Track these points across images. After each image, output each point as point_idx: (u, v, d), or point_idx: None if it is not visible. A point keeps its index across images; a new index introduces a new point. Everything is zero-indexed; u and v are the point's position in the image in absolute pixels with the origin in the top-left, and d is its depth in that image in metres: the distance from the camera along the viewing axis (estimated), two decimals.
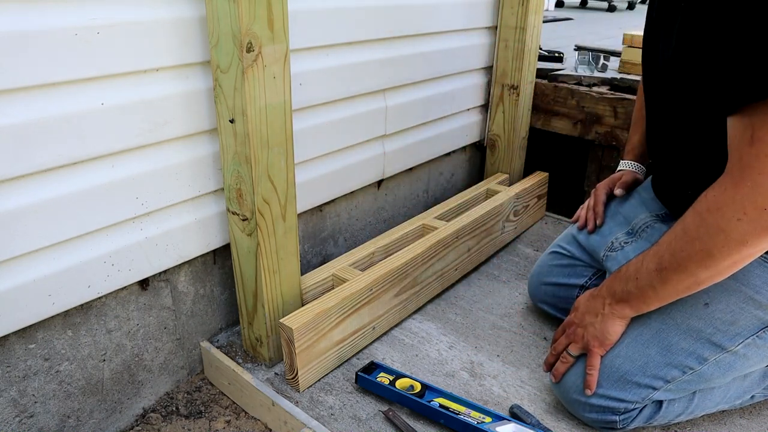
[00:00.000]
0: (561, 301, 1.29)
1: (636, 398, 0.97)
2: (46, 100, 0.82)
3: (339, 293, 1.15)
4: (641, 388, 0.96)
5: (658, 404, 1.00)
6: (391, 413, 1.06)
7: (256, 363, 1.19)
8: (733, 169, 0.79)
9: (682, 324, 0.95)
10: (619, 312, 0.97)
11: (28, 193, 0.84)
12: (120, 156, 0.94)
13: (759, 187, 0.75)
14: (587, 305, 1.02)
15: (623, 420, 0.99)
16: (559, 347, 1.05)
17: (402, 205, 1.72)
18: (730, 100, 0.77)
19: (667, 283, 0.89)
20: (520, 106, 1.78)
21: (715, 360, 0.94)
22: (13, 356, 0.92)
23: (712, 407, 1.04)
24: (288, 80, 0.98)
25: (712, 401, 1.03)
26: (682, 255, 0.85)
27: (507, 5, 1.70)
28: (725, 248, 0.80)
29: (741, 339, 0.92)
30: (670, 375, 0.95)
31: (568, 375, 1.03)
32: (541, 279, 1.33)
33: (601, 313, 0.98)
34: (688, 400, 1.01)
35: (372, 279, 1.20)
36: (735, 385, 1.03)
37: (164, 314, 1.14)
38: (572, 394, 1.02)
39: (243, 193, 1.02)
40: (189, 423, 1.11)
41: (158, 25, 0.92)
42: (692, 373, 0.95)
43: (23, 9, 0.77)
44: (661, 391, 0.97)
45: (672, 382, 0.95)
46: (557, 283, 1.30)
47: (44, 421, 0.99)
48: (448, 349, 1.27)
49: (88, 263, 0.95)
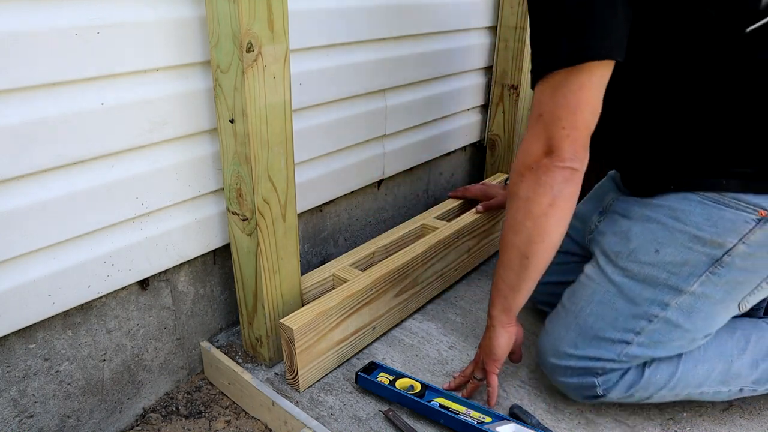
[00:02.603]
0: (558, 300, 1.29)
1: (611, 355, 0.99)
2: (46, 100, 0.82)
3: (339, 293, 1.15)
4: (615, 343, 0.99)
5: (640, 370, 1.01)
6: (391, 413, 1.06)
7: (256, 363, 1.19)
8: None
9: (639, 274, 0.98)
10: (496, 320, 1.03)
11: (28, 193, 0.84)
12: (120, 156, 0.94)
13: (525, 152, 0.89)
14: (483, 335, 1.09)
15: (604, 383, 1.01)
16: (468, 371, 1.12)
17: (402, 205, 1.72)
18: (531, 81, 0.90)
19: (504, 265, 0.98)
20: (520, 106, 1.78)
21: (677, 303, 0.96)
22: (13, 356, 0.92)
23: (695, 385, 1.03)
24: (288, 80, 0.98)
25: (695, 378, 1.02)
26: (503, 232, 0.97)
27: (507, 5, 1.70)
28: (520, 209, 0.92)
29: (695, 278, 0.95)
30: (639, 326, 0.98)
31: (545, 339, 1.08)
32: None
33: (487, 332, 1.06)
34: (671, 370, 1.01)
35: (372, 279, 1.20)
36: (719, 367, 1.02)
37: (164, 314, 1.14)
38: (550, 358, 1.05)
39: (243, 193, 1.02)
40: (189, 423, 1.11)
41: (158, 25, 0.92)
42: (658, 320, 0.97)
43: (23, 9, 0.77)
44: (635, 345, 0.99)
45: (642, 333, 0.98)
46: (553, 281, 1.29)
47: (44, 421, 0.99)
48: (448, 349, 1.27)
49: (88, 263, 0.95)
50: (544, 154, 0.87)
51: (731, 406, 1.11)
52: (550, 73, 0.84)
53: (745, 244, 0.91)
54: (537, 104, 0.87)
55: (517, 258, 0.95)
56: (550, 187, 0.87)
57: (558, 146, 0.86)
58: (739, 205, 0.91)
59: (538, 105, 0.87)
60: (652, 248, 0.97)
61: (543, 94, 0.86)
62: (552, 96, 0.85)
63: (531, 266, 0.94)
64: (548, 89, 0.85)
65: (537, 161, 0.88)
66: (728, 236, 0.92)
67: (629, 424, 1.06)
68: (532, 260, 0.94)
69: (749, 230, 0.91)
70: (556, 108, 0.84)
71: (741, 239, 0.92)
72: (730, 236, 0.92)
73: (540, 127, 0.87)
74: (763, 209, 0.90)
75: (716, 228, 0.92)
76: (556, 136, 0.85)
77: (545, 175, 0.87)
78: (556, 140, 0.85)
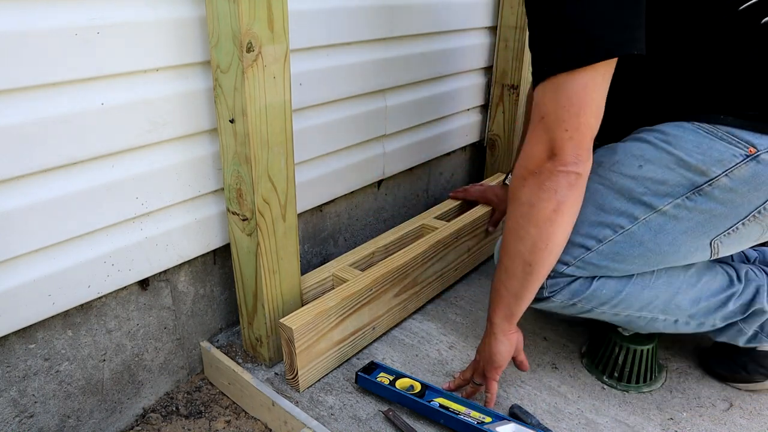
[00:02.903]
0: None
1: (568, 258, 1.00)
2: (46, 100, 0.82)
3: (339, 293, 1.15)
4: (574, 246, 0.98)
5: (588, 282, 1.02)
6: (391, 413, 1.06)
7: (256, 363, 1.19)
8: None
9: (616, 184, 0.98)
10: (497, 328, 1.01)
11: (28, 193, 0.84)
12: (120, 156, 0.94)
13: (527, 155, 0.87)
14: (482, 339, 1.08)
15: (551, 285, 1.02)
16: (467, 375, 1.11)
17: (402, 205, 1.72)
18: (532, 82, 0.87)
19: (508, 273, 0.95)
20: (520, 106, 1.78)
21: (645, 220, 0.96)
22: (13, 356, 0.92)
23: (637, 308, 1.04)
24: (288, 80, 0.98)
25: (639, 301, 1.03)
26: (505, 239, 0.94)
27: (507, 5, 1.70)
28: (523, 215, 0.89)
29: (670, 199, 0.94)
30: (603, 234, 0.98)
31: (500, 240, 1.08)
32: None
33: (487, 338, 1.04)
34: (618, 288, 1.02)
35: (372, 279, 1.20)
36: (664, 295, 1.04)
37: (164, 314, 1.14)
38: None
39: (243, 193, 1.02)
40: (189, 423, 1.11)
41: (158, 25, 0.92)
42: (623, 232, 0.97)
43: (23, 9, 0.77)
44: (594, 252, 0.99)
45: (604, 242, 0.98)
46: None
47: (44, 421, 0.99)
48: (448, 349, 1.27)
49: (88, 263, 0.95)
50: (547, 158, 0.84)
51: (731, 406, 1.11)
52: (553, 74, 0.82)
53: (729, 177, 0.91)
54: (538, 106, 0.85)
55: (521, 265, 0.92)
56: (554, 192, 0.85)
57: (561, 149, 0.83)
58: (732, 139, 0.91)
59: (539, 107, 0.85)
60: (636, 163, 0.96)
61: (545, 95, 0.84)
62: (554, 97, 0.82)
63: (535, 273, 0.92)
64: (550, 90, 0.83)
65: (539, 165, 0.85)
66: (714, 166, 0.91)
67: (629, 424, 1.06)
68: (536, 267, 0.92)
69: (735, 164, 0.90)
70: (558, 110, 0.82)
71: (725, 171, 0.91)
72: (715, 166, 0.91)
73: (542, 129, 0.84)
74: (753, 147, 0.89)
75: (704, 156, 0.92)
76: (559, 139, 0.83)
77: (549, 180, 0.85)
78: (559, 143, 0.83)
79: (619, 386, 1.16)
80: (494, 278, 1.00)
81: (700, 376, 1.20)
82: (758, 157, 0.89)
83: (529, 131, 0.87)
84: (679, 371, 1.21)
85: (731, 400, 1.13)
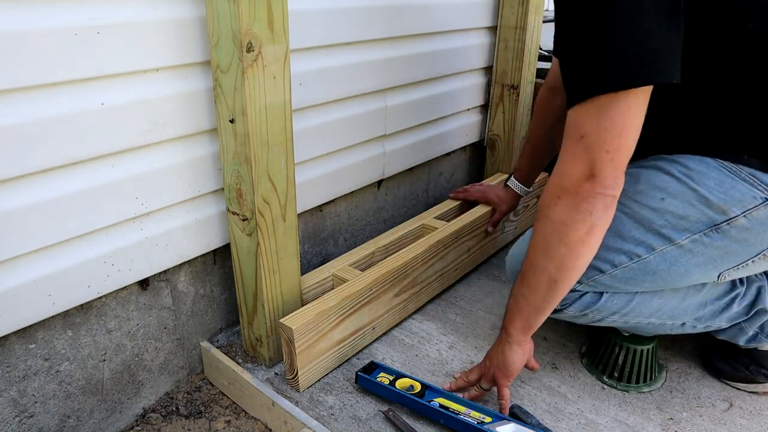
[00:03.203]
0: None
1: (582, 277, 1.01)
2: (46, 100, 0.82)
3: (339, 293, 1.15)
4: (590, 268, 0.99)
5: (598, 295, 1.06)
6: (391, 413, 1.06)
7: (256, 363, 1.19)
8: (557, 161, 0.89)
9: (637, 214, 0.99)
10: (513, 338, 1.01)
11: (28, 193, 0.84)
12: (120, 156, 0.94)
13: (564, 174, 0.85)
14: (492, 345, 1.07)
15: (564, 299, 1.04)
16: (472, 378, 1.10)
17: (402, 205, 1.72)
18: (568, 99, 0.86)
19: (531, 287, 0.94)
20: (520, 106, 1.78)
21: (662, 251, 0.99)
22: (13, 356, 0.92)
23: (646, 315, 1.08)
24: (288, 80, 0.98)
25: (648, 309, 1.07)
26: (531, 253, 0.93)
27: (507, 5, 1.70)
28: (554, 233, 0.88)
29: (689, 234, 0.97)
30: (618, 260, 1.01)
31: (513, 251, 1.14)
32: None
33: (500, 347, 1.04)
34: (627, 299, 1.06)
35: (372, 279, 1.20)
36: (673, 302, 1.07)
37: (164, 314, 1.14)
38: (514, 266, 1.11)
39: (243, 193, 1.02)
40: (189, 423, 1.11)
41: (158, 25, 0.92)
42: (639, 261, 1.00)
43: (23, 9, 0.77)
44: (607, 276, 1.02)
45: (619, 267, 1.01)
46: None
47: (44, 421, 0.99)
48: (448, 349, 1.27)
49: (88, 263, 0.95)
50: (585, 179, 0.83)
51: (731, 406, 1.11)
52: (597, 95, 0.80)
53: (746, 218, 0.93)
54: (577, 125, 0.83)
55: (546, 281, 0.92)
56: (589, 214, 0.84)
57: (601, 171, 0.82)
58: (754, 181, 0.93)
59: (579, 125, 0.83)
60: (659, 195, 0.98)
61: (586, 115, 0.82)
62: (597, 118, 0.81)
63: (559, 289, 0.93)
64: (593, 110, 0.81)
65: (577, 186, 0.84)
66: (734, 206, 0.93)
67: (629, 424, 1.06)
68: (561, 284, 0.92)
69: (755, 206, 0.93)
70: (601, 130, 0.81)
71: (744, 212, 0.93)
72: (735, 206, 0.93)
73: (581, 149, 0.83)
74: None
75: (725, 195, 0.93)
76: (599, 161, 0.82)
77: (586, 202, 0.84)
78: (600, 164, 0.82)
79: (619, 386, 1.16)
80: (514, 289, 0.99)
81: (700, 376, 1.20)
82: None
83: (566, 148, 0.86)
84: (679, 371, 1.21)
85: (731, 400, 1.13)
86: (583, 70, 0.82)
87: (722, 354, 1.19)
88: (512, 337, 1.01)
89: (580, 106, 0.82)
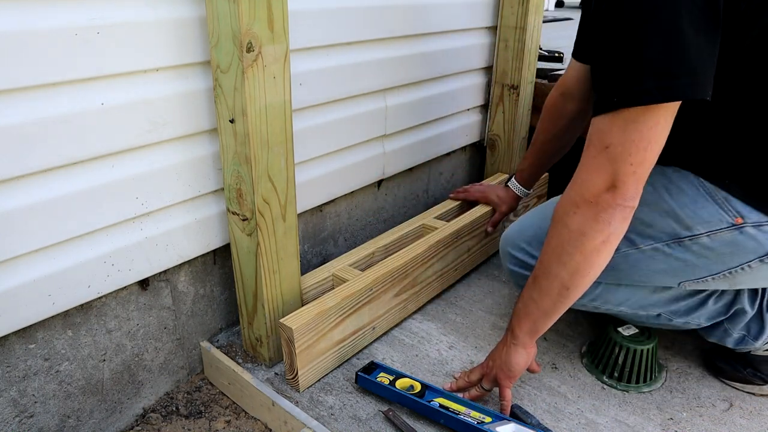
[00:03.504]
0: None
1: None
2: (46, 100, 0.82)
3: (339, 293, 1.15)
4: None
5: None
6: (391, 413, 1.06)
7: (256, 363, 1.19)
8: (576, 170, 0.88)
9: None
10: (519, 340, 1.02)
11: (28, 193, 0.84)
12: (120, 156, 0.94)
13: (585, 183, 0.85)
14: (496, 346, 1.08)
15: None
16: (473, 378, 1.10)
17: (402, 205, 1.72)
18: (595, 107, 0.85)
19: (541, 291, 0.95)
20: (520, 106, 1.78)
21: (625, 252, 1.04)
22: (13, 356, 0.92)
23: (615, 303, 1.13)
24: (288, 80, 0.98)
25: (616, 298, 1.12)
26: (545, 258, 0.93)
27: (507, 5, 1.70)
28: (570, 241, 0.88)
29: (652, 242, 1.02)
30: None
31: (511, 229, 1.19)
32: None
33: (505, 347, 1.04)
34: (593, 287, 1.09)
35: (372, 279, 1.20)
36: (639, 294, 1.11)
37: (164, 314, 1.14)
38: (507, 247, 1.20)
39: (243, 193, 1.02)
40: (189, 423, 1.11)
41: (158, 25, 0.92)
42: None
43: (23, 9, 0.77)
44: None
45: None
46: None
47: (44, 421, 0.99)
48: (448, 349, 1.27)
49: (88, 263, 0.95)
50: (606, 189, 0.83)
51: (731, 406, 1.11)
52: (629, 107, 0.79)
53: (710, 238, 0.97)
54: (602, 134, 0.83)
55: (558, 288, 0.92)
56: (608, 224, 0.84)
57: (623, 183, 0.82)
58: (726, 205, 0.95)
59: (603, 135, 0.82)
60: None
61: (613, 125, 0.81)
62: (624, 130, 0.80)
63: (570, 296, 0.93)
64: (620, 122, 0.80)
65: (597, 196, 0.84)
66: (699, 224, 0.97)
67: (629, 423, 1.06)
68: (573, 291, 0.92)
69: (719, 228, 0.96)
70: (627, 142, 0.80)
71: (708, 232, 0.97)
72: (701, 225, 0.97)
73: (604, 159, 0.82)
74: (741, 217, 0.95)
75: (694, 213, 0.97)
76: (623, 173, 0.81)
77: (605, 213, 0.84)
78: (622, 176, 0.82)
79: (619, 386, 1.16)
80: (524, 292, 0.99)
81: (700, 376, 1.20)
82: (742, 228, 0.95)
83: (588, 158, 0.85)
84: (679, 371, 1.21)
85: (731, 400, 1.13)
86: (616, 79, 0.80)
87: (723, 354, 1.19)
88: (518, 339, 1.01)
89: (608, 116, 0.82)
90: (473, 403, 1.05)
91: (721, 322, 1.13)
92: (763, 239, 0.95)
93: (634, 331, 1.18)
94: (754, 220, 0.94)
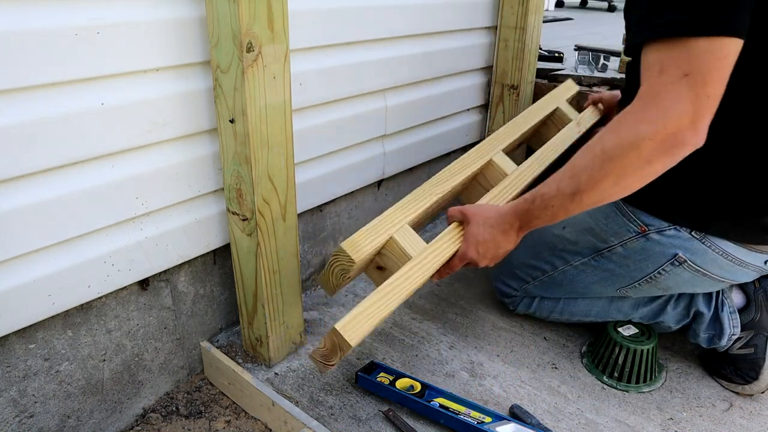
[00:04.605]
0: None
1: (515, 285, 1.33)
2: (46, 100, 0.82)
3: (402, 288, 0.94)
4: (519, 279, 1.32)
5: (531, 299, 1.33)
6: (391, 413, 1.06)
7: (256, 363, 1.19)
8: (644, 95, 0.82)
9: (547, 239, 1.25)
10: (516, 235, 1.01)
11: (28, 193, 0.84)
12: (120, 156, 0.94)
13: (666, 111, 0.78)
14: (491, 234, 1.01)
15: (510, 303, 1.36)
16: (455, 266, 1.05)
17: None
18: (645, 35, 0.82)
19: (581, 203, 0.90)
20: (520, 106, 1.78)
21: (562, 270, 1.23)
22: (13, 356, 0.92)
23: (581, 315, 1.28)
24: (288, 80, 0.98)
25: (579, 310, 1.28)
26: (600, 174, 0.86)
27: (507, 5, 1.69)
28: (637, 165, 0.83)
29: (579, 257, 1.20)
30: (535, 274, 1.29)
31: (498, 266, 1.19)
32: None
33: (504, 239, 1.01)
34: (553, 305, 1.31)
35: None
36: (599, 304, 1.25)
37: (164, 314, 1.14)
38: (494, 281, 1.41)
39: (243, 193, 1.02)
40: (189, 423, 1.11)
41: (158, 25, 0.92)
42: (547, 275, 1.26)
43: (23, 9, 0.77)
44: (531, 285, 1.30)
45: (536, 279, 1.29)
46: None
47: (44, 421, 0.99)
48: (448, 349, 1.27)
49: (88, 263, 0.95)
50: (689, 124, 0.77)
51: (731, 406, 1.11)
52: (697, 36, 0.75)
53: (623, 248, 1.12)
54: (678, 61, 0.77)
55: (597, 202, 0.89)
56: (672, 161, 0.81)
57: (702, 116, 0.77)
58: (632, 217, 1.09)
59: (680, 62, 0.77)
60: (562, 224, 1.20)
61: (689, 52, 0.76)
62: (701, 56, 0.75)
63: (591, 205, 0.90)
64: (695, 49, 0.75)
65: (680, 130, 0.78)
66: (612, 237, 1.13)
67: (629, 424, 1.06)
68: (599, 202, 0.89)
69: (628, 238, 1.10)
70: (708, 69, 0.75)
71: (620, 242, 1.12)
72: (613, 237, 1.13)
73: (684, 87, 0.76)
74: (645, 226, 1.07)
75: (607, 227, 1.13)
76: (703, 105, 0.76)
77: (680, 150, 0.79)
78: (702, 109, 0.76)
79: (619, 386, 1.16)
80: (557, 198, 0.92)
81: (700, 376, 1.20)
82: (647, 235, 1.08)
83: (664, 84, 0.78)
84: (679, 371, 1.21)
85: (731, 400, 1.13)
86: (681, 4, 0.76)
87: (712, 354, 1.21)
88: (520, 231, 1.00)
89: (674, 43, 0.77)
90: (473, 403, 1.05)
91: (689, 324, 1.19)
92: (666, 242, 1.06)
93: (634, 331, 1.18)
94: (657, 226, 1.06)
